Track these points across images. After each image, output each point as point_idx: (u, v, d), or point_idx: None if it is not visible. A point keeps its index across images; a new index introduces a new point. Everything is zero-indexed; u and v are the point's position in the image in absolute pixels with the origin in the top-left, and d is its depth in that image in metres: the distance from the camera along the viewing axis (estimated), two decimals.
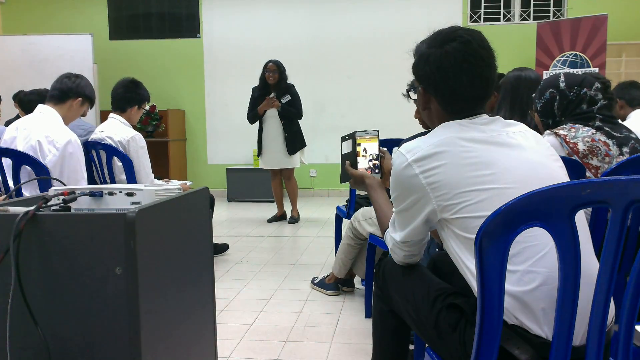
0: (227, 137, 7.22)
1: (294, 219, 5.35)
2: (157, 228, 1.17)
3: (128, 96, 3.19)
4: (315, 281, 3.16)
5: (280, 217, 5.45)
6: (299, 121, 5.23)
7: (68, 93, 2.61)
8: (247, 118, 5.24)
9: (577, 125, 1.93)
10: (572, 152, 1.86)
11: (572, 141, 1.88)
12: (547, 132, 1.98)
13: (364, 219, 2.71)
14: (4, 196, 2.28)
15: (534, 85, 2.50)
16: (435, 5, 6.68)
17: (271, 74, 5.05)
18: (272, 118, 5.16)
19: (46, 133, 2.44)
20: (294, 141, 5.18)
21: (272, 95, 5.08)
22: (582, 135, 1.89)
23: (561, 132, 1.92)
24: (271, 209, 6.07)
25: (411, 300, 1.37)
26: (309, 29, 6.94)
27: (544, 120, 2.08)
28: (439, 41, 1.29)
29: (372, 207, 2.51)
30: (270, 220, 5.40)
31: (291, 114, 5.13)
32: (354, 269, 2.96)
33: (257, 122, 5.24)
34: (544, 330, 1.10)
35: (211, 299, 1.55)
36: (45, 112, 2.56)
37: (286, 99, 5.10)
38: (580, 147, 1.86)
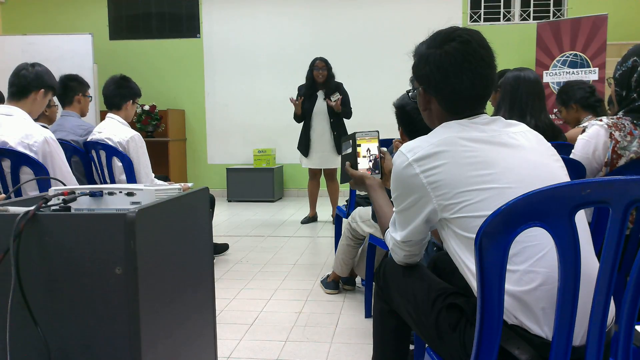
0: (227, 137, 7.22)
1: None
2: (157, 228, 1.17)
3: (121, 92, 3.17)
4: (322, 278, 3.20)
5: (312, 218, 5.30)
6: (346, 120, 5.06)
7: (29, 87, 2.43)
8: (294, 118, 5.06)
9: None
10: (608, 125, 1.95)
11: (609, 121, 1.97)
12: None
13: (362, 221, 2.71)
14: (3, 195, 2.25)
15: (533, 86, 2.51)
16: (435, 5, 6.68)
17: (320, 72, 4.86)
18: (320, 116, 4.97)
19: (19, 138, 2.29)
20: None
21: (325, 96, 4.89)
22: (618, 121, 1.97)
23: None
24: (271, 209, 6.08)
25: (411, 300, 1.37)
26: (308, 29, 6.94)
27: (618, 90, 1.98)
28: (438, 41, 1.30)
29: (369, 207, 2.51)
30: (304, 222, 5.25)
31: (343, 113, 4.93)
32: (356, 270, 2.97)
33: (301, 122, 5.08)
34: (544, 330, 1.10)
35: (211, 299, 1.55)
36: (10, 113, 2.36)
37: (336, 97, 4.88)
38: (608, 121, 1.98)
